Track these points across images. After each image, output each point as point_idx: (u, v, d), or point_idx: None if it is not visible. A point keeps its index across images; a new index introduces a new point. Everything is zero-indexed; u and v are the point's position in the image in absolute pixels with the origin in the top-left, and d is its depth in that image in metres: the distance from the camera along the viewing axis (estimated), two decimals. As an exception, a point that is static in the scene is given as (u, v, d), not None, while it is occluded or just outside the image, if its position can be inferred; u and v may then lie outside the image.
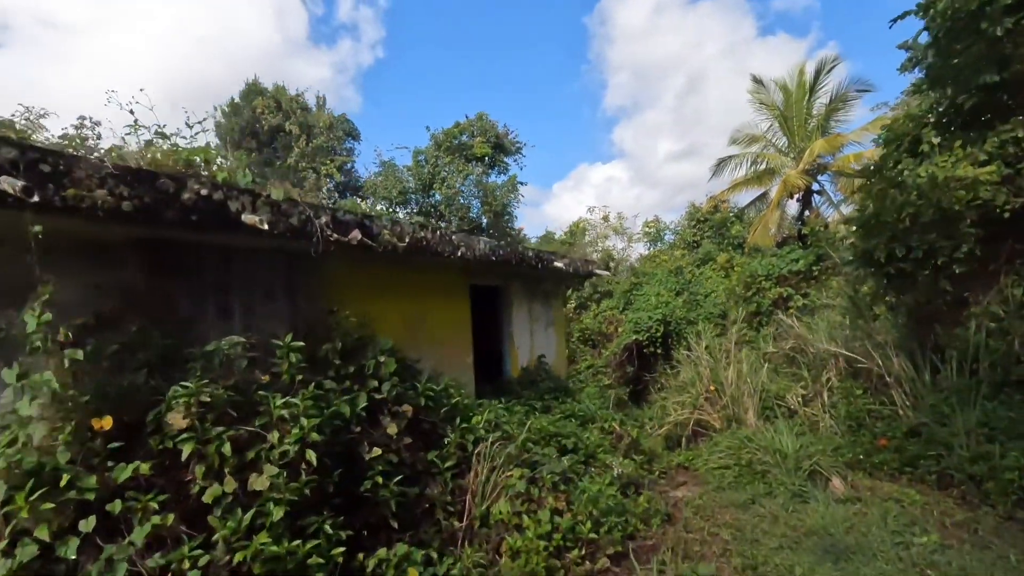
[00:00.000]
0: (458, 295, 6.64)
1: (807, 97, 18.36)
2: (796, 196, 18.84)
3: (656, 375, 13.55)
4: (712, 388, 8.99)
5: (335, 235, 4.01)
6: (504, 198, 18.82)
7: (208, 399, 2.79)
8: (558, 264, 7.86)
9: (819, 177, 18.69)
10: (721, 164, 20.53)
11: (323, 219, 3.95)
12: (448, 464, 4.21)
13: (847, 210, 16.98)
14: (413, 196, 18.44)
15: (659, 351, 13.58)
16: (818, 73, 17.70)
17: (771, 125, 19.75)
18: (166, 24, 32.88)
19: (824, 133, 18.03)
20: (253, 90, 18.07)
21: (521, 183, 20.58)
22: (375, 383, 4.05)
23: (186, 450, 2.70)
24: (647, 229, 24.81)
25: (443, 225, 19.20)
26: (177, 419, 2.66)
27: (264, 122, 17.27)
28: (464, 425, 4.51)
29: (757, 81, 19.30)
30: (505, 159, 20.69)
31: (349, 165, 18.75)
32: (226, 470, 2.76)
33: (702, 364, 9.54)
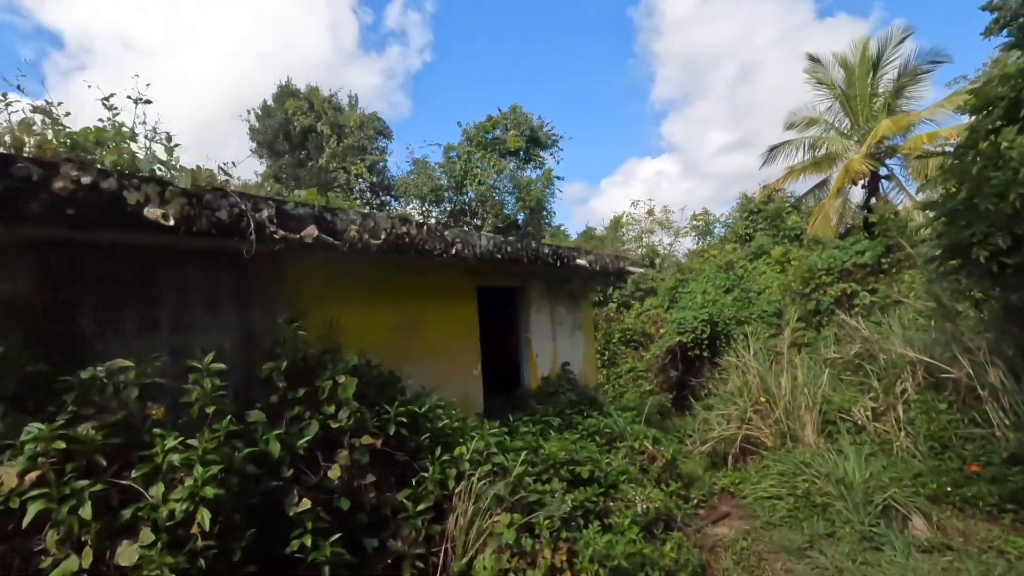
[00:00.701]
0: (462, 298, 5.90)
1: (871, 74, 16.59)
2: (860, 182, 17.14)
3: (703, 380, 12.44)
4: (763, 399, 7.90)
5: (280, 232, 3.35)
6: (539, 193, 18.00)
7: (65, 445, 2.16)
8: (581, 261, 7.00)
9: (887, 161, 16.89)
10: (774, 151, 18.98)
11: (264, 213, 3.29)
12: (422, 507, 3.47)
13: (922, 197, 15.22)
14: (446, 194, 17.90)
15: (706, 354, 12.44)
16: (884, 47, 15.93)
17: (831, 106, 18.06)
18: (233, 44, 34.71)
19: (891, 112, 16.25)
20: (286, 92, 18.00)
21: (558, 177, 19.66)
22: (331, 409, 3.36)
23: (30, 512, 2.07)
24: (695, 222, 23.38)
25: (476, 223, 18.57)
26: (10, 475, 2.04)
27: (296, 123, 17.13)
28: (446, 457, 3.76)
29: (814, 60, 17.67)
30: (540, 153, 19.87)
31: (381, 164, 18.39)
32: (85, 538, 2.12)
33: (751, 370, 8.44)
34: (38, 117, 2.66)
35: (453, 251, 4.85)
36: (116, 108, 3.25)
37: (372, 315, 4.79)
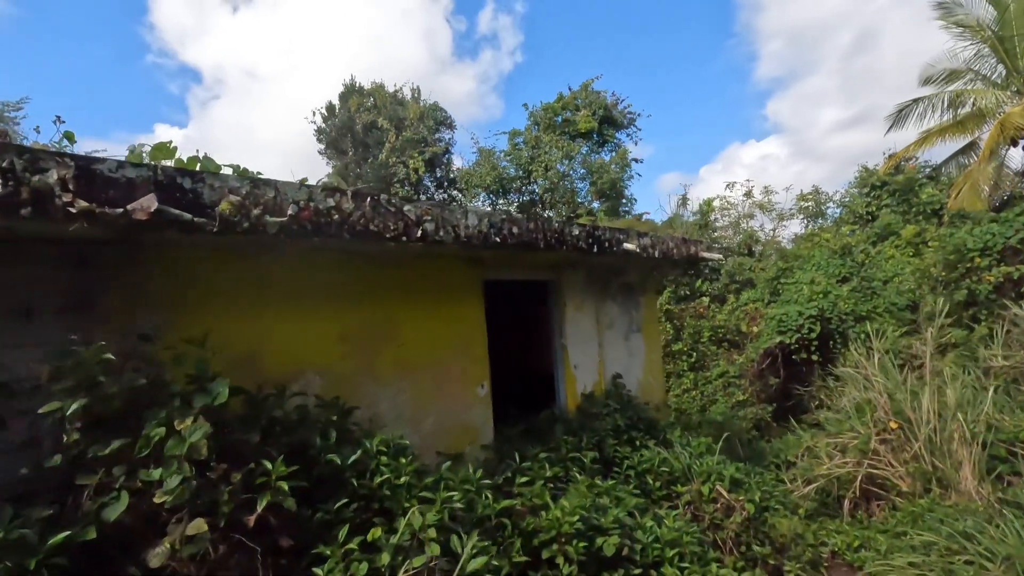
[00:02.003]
0: (461, 296, 4.57)
1: (1035, 5, 13.12)
2: (1023, 141, 13.75)
3: (811, 390, 10.15)
4: (894, 424, 5.83)
5: (83, 204, 2.21)
6: (614, 176, 16.21)
7: None
8: (630, 245, 5.40)
9: (1062, 109, 13.29)
10: (903, 111, 15.80)
11: (53, 175, 2.17)
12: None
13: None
14: (513, 184, 16.67)
15: (815, 357, 10.15)
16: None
17: (977, 52, 14.63)
18: (342, 65, 37.24)
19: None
20: (350, 90, 17.68)
21: (636, 160, 17.74)
22: (155, 473, 2.18)
23: None
24: (803, 203, 20.28)
25: (549, 215, 17.11)
26: None
27: (359, 120, 16.70)
28: (354, 543, 2.45)
29: (942, 5, 14.37)
30: (616, 134, 18.03)
31: (446, 157, 17.53)
32: None
33: (875, 384, 6.33)
34: None
35: (419, 233, 3.53)
36: None
37: (316, 322, 3.59)
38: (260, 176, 2.97)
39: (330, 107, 17.68)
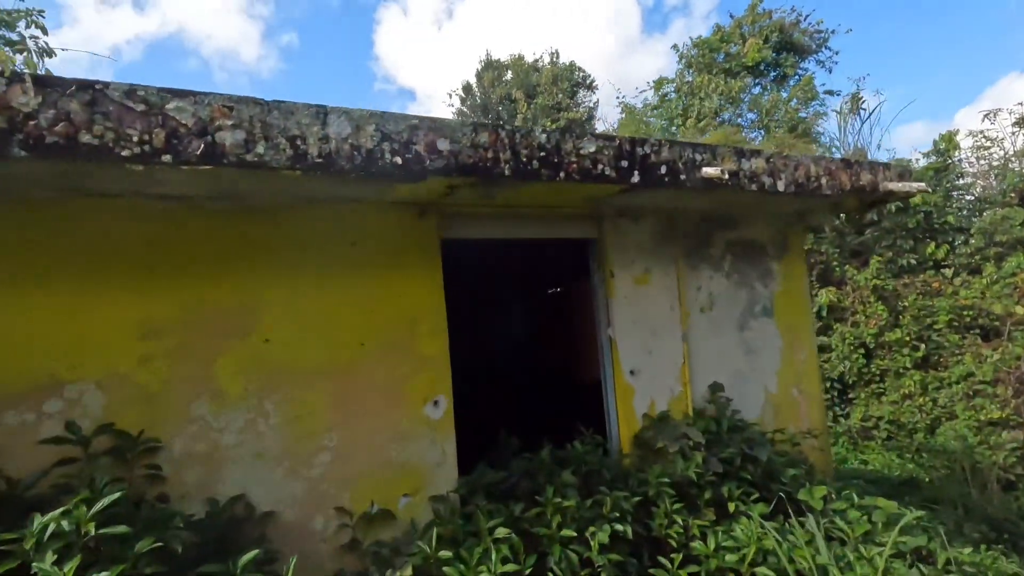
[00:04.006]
0: (393, 264, 2.92)
1: None
2: None
3: None
4: None
5: None
6: (792, 115, 12.63)
7: None
8: (711, 171, 3.15)
9: None
10: None
11: None
12: None
13: None
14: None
15: None
16: None
17: None
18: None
19: None
20: (488, 66, 16.75)
21: (829, 93, 13.82)
22: None
23: None
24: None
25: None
26: None
27: (493, 95, 15.70)
28: None
29: None
30: (800, 63, 14.21)
31: (588, 120, 15.58)
32: None
33: None
34: None
35: (202, 148, 2.02)
36: None
37: (97, 306, 2.32)
38: None
39: (467, 87, 17.02)
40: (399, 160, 2.37)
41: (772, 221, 4.31)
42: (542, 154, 2.70)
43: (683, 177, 3.13)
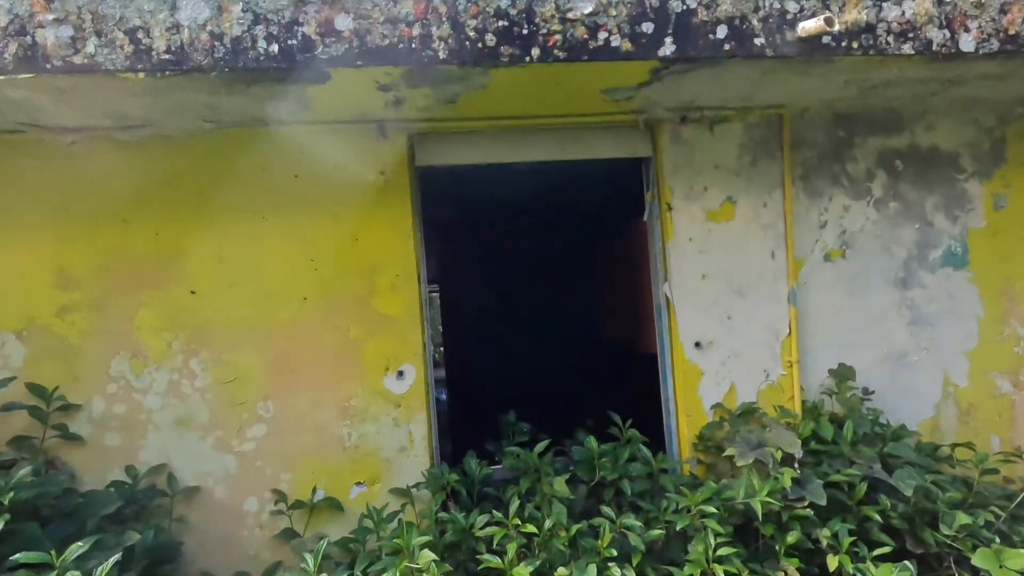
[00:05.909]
0: (347, 199, 2.34)
1: None
2: None
3: None
4: None
5: None
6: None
7: None
8: (810, 26, 1.92)
9: None
10: None
11: None
12: None
13: None
14: None
15: None
16: None
17: None
18: None
19: None
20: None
21: None
22: None
23: None
24: None
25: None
26: None
27: None
28: None
29: None
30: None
31: None
32: None
33: None
34: None
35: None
36: None
37: (13, 251, 2.17)
38: None
39: None
40: (276, 49, 1.75)
41: (968, 115, 2.72)
42: (501, 23, 1.85)
43: (760, 41, 1.98)
